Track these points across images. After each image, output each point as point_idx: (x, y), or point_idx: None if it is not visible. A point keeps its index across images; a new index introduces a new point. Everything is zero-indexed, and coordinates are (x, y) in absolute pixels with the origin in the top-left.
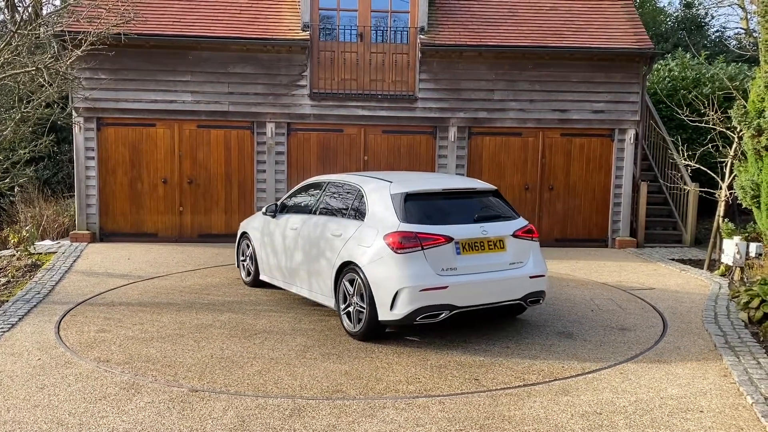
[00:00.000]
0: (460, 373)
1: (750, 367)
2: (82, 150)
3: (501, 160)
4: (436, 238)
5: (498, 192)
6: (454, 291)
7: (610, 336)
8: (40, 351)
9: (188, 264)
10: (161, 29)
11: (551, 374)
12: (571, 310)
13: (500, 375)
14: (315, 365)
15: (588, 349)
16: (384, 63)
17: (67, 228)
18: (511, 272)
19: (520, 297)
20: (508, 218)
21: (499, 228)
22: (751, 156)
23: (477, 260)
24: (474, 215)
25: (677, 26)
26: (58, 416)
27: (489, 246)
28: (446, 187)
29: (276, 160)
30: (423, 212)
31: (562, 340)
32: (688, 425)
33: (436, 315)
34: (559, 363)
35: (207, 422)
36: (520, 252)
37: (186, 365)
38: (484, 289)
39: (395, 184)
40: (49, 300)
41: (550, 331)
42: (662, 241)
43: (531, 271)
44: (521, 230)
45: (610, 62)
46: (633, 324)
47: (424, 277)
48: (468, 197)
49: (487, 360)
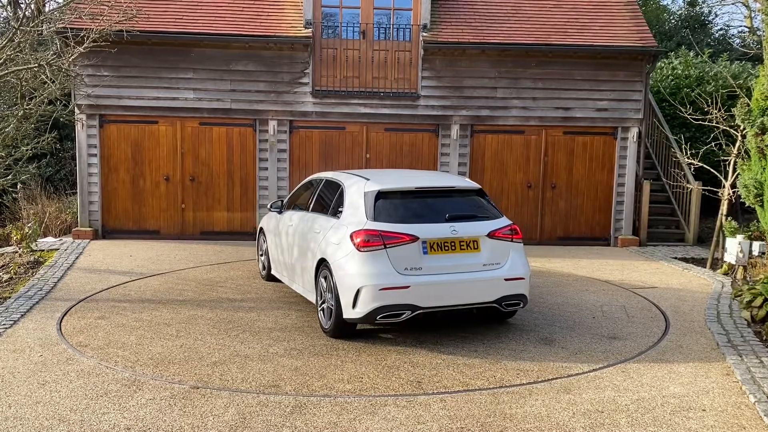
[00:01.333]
0: (408, 374)
1: (753, 365)
2: (85, 147)
3: (503, 158)
4: (400, 236)
5: (481, 191)
6: (417, 291)
7: (611, 335)
8: (41, 347)
9: (190, 261)
10: (164, 26)
11: (510, 379)
12: (571, 308)
13: (445, 379)
14: (271, 360)
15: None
16: (386, 60)
17: (70, 225)
18: (483, 274)
19: (494, 300)
20: (486, 218)
21: (472, 228)
22: (754, 154)
23: (446, 260)
24: (446, 214)
25: (681, 24)
26: (59, 412)
27: (461, 246)
28: (422, 186)
29: (278, 157)
30: (393, 210)
31: (540, 345)
32: (691, 424)
33: (398, 315)
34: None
35: (208, 419)
36: (496, 253)
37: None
38: (451, 291)
39: (371, 181)
40: (51, 297)
41: (531, 337)
42: (665, 240)
43: (507, 273)
44: (498, 231)
45: (613, 60)
46: (634, 323)
47: (385, 276)
48: (446, 196)
49: (445, 361)
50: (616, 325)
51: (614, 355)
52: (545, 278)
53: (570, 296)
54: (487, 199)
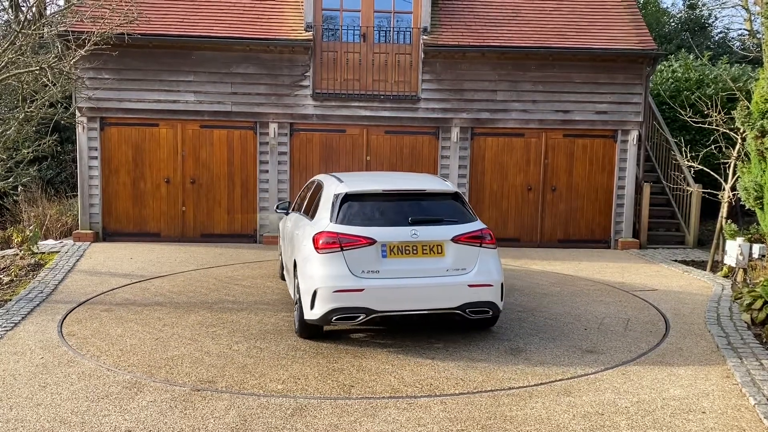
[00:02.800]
0: (346, 378)
1: (753, 368)
2: (86, 150)
3: (503, 160)
4: (357, 239)
5: (458, 194)
6: (372, 294)
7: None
8: (42, 350)
9: (190, 264)
10: (164, 29)
11: (446, 388)
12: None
13: (379, 384)
14: (227, 357)
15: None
16: (387, 63)
17: (70, 227)
18: (445, 279)
19: (456, 306)
20: (454, 222)
21: (435, 232)
22: (754, 157)
23: (406, 264)
24: (410, 217)
25: (681, 27)
26: (60, 415)
27: (423, 251)
28: (390, 188)
29: (279, 160)
30: (359, 213)
31: (507, 355)
32: (690, 426)
33: (353, 317)
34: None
35: (209, 421)
36: (462, 258)
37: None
38: (408, 295)
39: (344, 184)
40: (51, 299)
41: (500, 346)
42: (665, 243)
43: (471, 279)
44: (464, 236)
45: (613, 63)
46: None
47: (340, 279)
48: (417, 199)
49: (394, 366)
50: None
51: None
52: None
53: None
54: (463, 202)
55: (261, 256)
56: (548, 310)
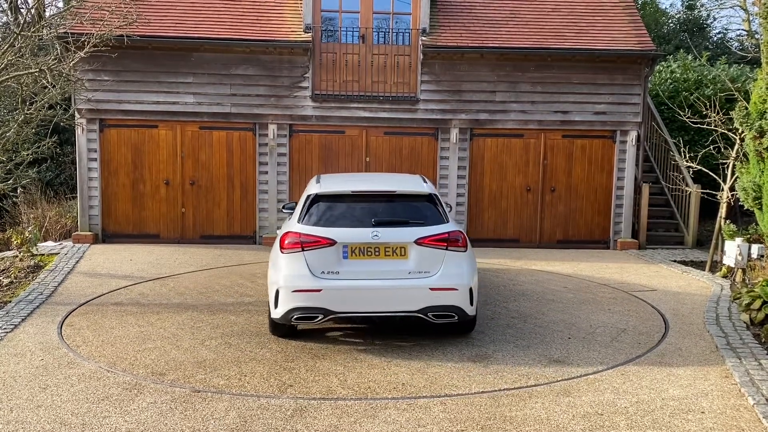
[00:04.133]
0: (290, 377)
1: (752, 368)
2: (85, 151)
3: (503, 161)
4: (318, 240)
5: (432, 196)
6: (330, 295)
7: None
8: (42, 351)
9: (190, 265)
10: (163, 31)
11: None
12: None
13: (314, 386)
14: (192, 352)
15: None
16: (386, 64)
17: (70, 229)
18: (406, 282)
19: (416, 310)
20: (420, 224)
21: (397, 234)
22: (752, 157)
23: (367, 266)
24: (374, 219)
25: (679, 28)
26: (61, 416)
27: (386, 252)
28: (359, 190)
29: (278, 161)
30: (324, 214)
31: (470, 361)
32: (689, 426)
33: (312, 318)
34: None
35: (209, 422)
36: (426, 261)
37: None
38: (367, 297)
39: (319, 185)
40: (51, 301)
41: (467, 352)
42: (664, 243)
43: (434, 282)
44: (428, 238)
45: (611, 64)
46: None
47: (298, 279)
48: (386, 200)
49: (346, 368)
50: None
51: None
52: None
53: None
54: (437, 204)
55: (260, 257)
56: (543, 316)
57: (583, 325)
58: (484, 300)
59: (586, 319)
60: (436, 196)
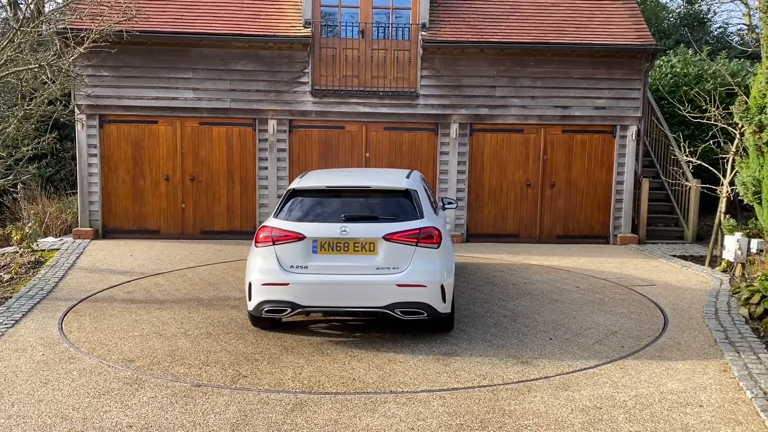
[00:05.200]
0: (246, 368)
1: (750, 362)
2: (85, 147)
3: (503, 156)
4: (288, 234)
5: (408, 192)
6: (297, 289)
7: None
8: (43, 347)
9: (190, 261)
10: (163, 26)
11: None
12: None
13: (265, 378)
14: (171, 342)
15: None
16: (385, 59)
17: (70, 225)
18: (373, 277)
19: (383, 306)
20: (392, 220)
21: (366, 230)
22: (752, 152)
23: (336, 261)
24: (344, 214)
25: (679, 22)
26: (62, 411)
27: (355, 248)
28: (334, 185)
29: (278, 157)
30: (299, 209)
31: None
32: (688, 419)
33: (281, 311)
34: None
35: (210, 417)
36: (395, 257)
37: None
38: (334, 292)
39: (302, 180)
40: (52, 296)
41: (435, 349)
42: (664, 238)
43: (401, 279)
44: (397, 234)
45: (611, 58)
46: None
47: (268, 272)
48: (360, 196)
49: (306, 360)
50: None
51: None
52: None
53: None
54: (414, 200)
55: None
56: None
57: (574, 326)
58: (482, 297)
59: (581, 319)
60: (415, 191)
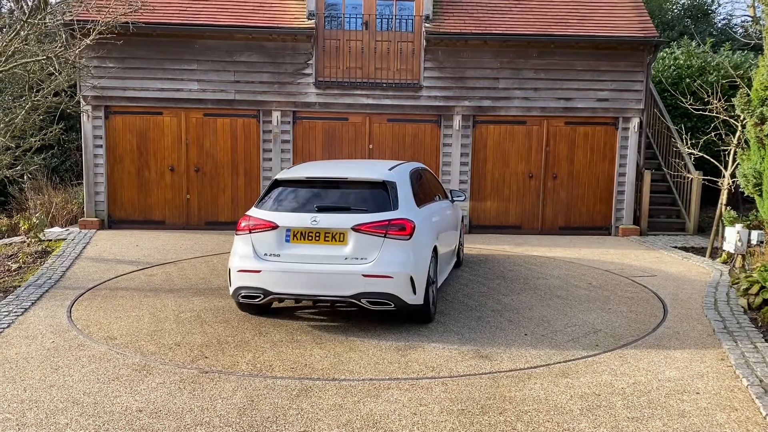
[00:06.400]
0: (212, 350)
1: (747, 351)
2: (90, 138)
3: (505, 148)
4: (263, 223)
5: (386, 183)
6: (268, 277)
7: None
8: (53, 334)
9: (196, 251)
10: (168, 18)
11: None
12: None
13: (226, 360)
14: (158, 325)
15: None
16: (389, 51)
17: (76, 215)
18: (341, 267)
19: (350, 295)
20: (363, 211)
21: (335, 220)
22: (753, 144)
23: (307, 250)
24: (317, 205)
25: (683, 14)
26: (73, 395)
27: (326, 237)
28: (312, 176)
29: (282, 148)
30: (278, 198)
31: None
32: (685, 406)
33: (254, 297)
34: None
35: (217, 402)
36: (363, 248)
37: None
38: (303, 280)
39: (288, 170)
40: (60, 285)
41: (397, 343)
42: (665, 229)
43: (368, 269)
44: (366, 225)
45: (614, 50)
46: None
47: (244, 260)
48: (338, 187)
49: (271, 344)
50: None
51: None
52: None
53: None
54: (390, 191)
55: None
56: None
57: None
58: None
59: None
60: (393, 183)
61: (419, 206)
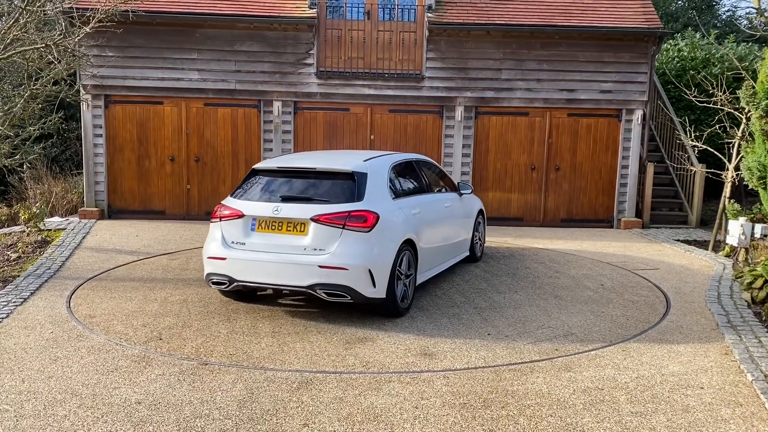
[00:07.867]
0: (176, 336)
1: (751, 345)
2: (90, 127)
3: (508, 139)
4: (232, 211)
5: (354, 174)
6: (232, 264)
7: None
8: (52, 324)
9: (195, 241)
10: (168, 6)
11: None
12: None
13: (186, 347)
14: (142, 310)
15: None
16: (391, 41)
17: (76, 205)
18: (298, 257)
19: (306, 285)
20: (325, 202)
21: (295, 210)
22: (758, 137)
23: (270, 239)
24: (281, 195)
25: (688, 5)
26: (71, 387)
27: (288, 228)
28: (284, 166)
29: (283, 138)
30: (251, 188)
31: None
32: (689, 401)
33: (221, 284)
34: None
35: (217, 394)
36: (322, 239)
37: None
38: (263, 269)
39: (267, 160)
40: (59, 275)
41: (351, 336)
42: (668, 222)
43: (324, 260)
44: (324, 216)
45: (618, 42)
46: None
47: (213, 247)
48: (307, 177)
49: (232, 334)
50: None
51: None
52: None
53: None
54: (359, 183)
55: None
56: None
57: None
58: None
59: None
60: (363, 174)
61: (397, 198)
